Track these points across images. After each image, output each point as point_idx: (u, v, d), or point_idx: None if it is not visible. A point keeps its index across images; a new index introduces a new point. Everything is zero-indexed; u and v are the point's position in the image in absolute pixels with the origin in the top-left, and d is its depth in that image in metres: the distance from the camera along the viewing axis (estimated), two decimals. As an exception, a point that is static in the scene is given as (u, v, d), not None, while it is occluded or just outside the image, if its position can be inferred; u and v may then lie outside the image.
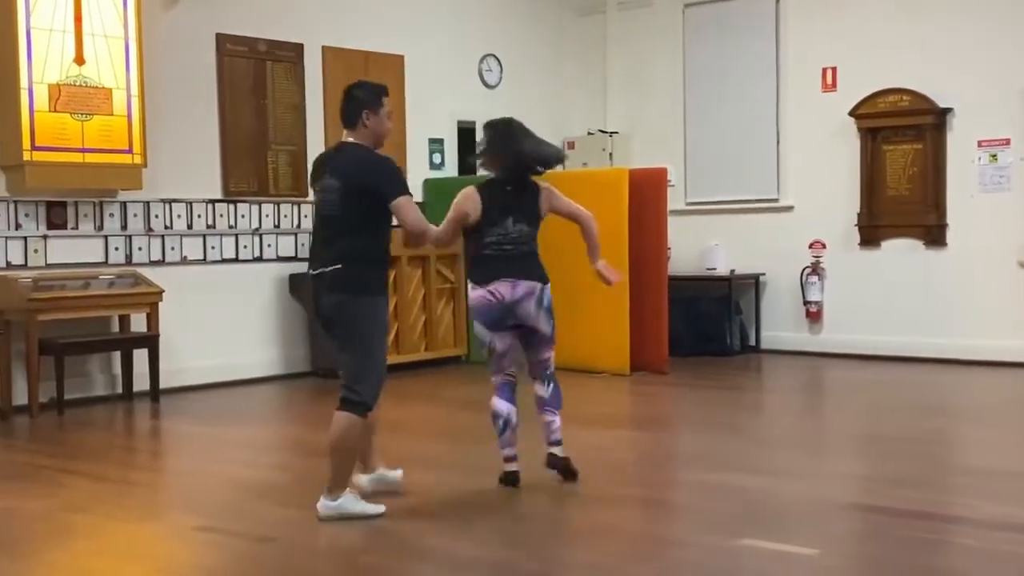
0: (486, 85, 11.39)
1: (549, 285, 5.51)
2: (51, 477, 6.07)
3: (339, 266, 4.84)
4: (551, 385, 5.62)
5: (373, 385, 4.91)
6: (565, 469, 5.55)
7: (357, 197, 4.85)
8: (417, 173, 10.59)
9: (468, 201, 5.43)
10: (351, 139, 5.00)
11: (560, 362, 10.18)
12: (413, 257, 9.89)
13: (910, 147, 10.20)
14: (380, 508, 4.97)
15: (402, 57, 10.55)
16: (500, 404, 5.51)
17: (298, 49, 9.86)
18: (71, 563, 4.53)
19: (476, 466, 5.79)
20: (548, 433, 5.59)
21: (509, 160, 5.47)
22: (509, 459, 5.49)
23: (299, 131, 9.86)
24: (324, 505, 4.90)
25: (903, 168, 10.24)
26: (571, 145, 11.83)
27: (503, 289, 5.36)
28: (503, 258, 5.40)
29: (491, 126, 5.63)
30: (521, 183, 5.50)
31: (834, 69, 10.65)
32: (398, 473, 5.38)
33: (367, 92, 5.02)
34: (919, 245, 10.23)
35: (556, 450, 5.58)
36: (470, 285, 5.50)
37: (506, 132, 5.55)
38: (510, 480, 5.47)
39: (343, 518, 4.87)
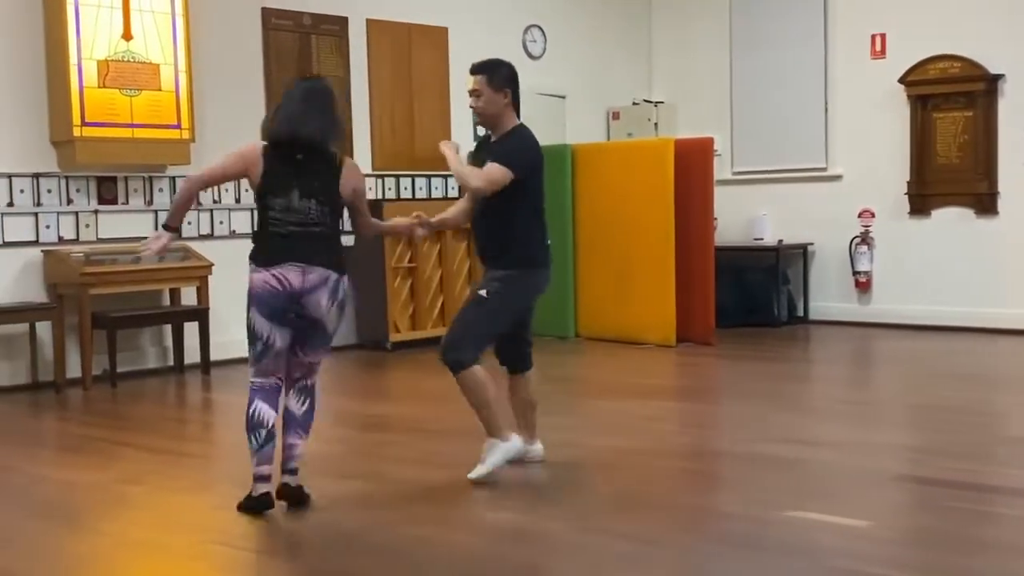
0: (530, 56, 11.32)
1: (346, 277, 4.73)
2: (105, 449, 6.18)
3: None
4: (307, 402, 4.79)
5: None
6: (298, 500, 4.74)
7: None
8: (462, 145, 10.52)
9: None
10: None
11: (606, 333, 10.06)
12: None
13: (960, 114, 10.06)
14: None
15: (446, 29, 10.52)
16: (267, 411, 4.64)
17: (342, 22, 9.86)
18: (126, 534, 4.61)
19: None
20: (286, 459, 4.73)
21: None
22: (264, 478, 4.66)
23: (344, 105, 9.87)
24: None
25: (953, 136, 10.10)
26: (616, 115, 11.77)
27: (292, 275, 4.57)
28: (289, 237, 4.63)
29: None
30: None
31: (883, 35, 10.51)
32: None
33: None
34: (970, 214, 10.10)
35: (290, 479, 4.74)
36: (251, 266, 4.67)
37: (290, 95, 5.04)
38: (261, 505, 4.64)
39: None
